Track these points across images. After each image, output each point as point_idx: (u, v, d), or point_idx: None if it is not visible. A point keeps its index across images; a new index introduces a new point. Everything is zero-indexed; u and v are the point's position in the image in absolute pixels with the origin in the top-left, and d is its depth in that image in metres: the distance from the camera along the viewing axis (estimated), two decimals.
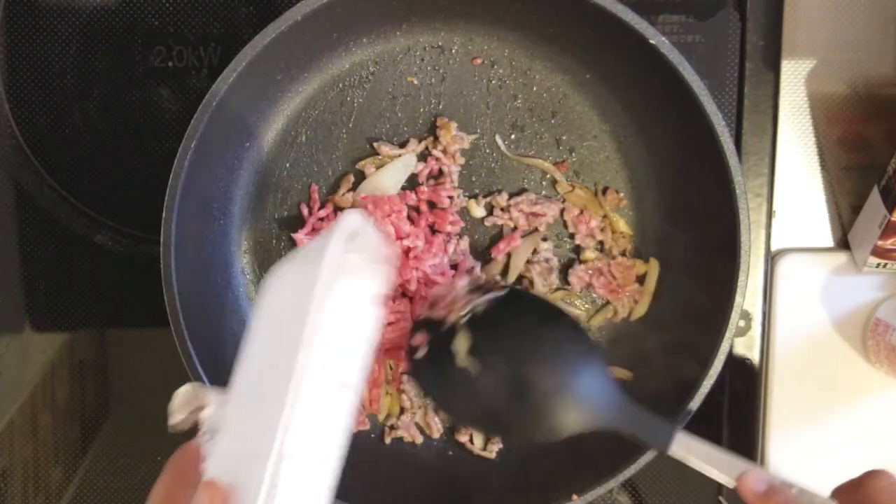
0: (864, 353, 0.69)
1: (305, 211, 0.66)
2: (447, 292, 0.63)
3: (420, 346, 0.61)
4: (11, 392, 0.69)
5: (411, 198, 0.66)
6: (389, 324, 0.66)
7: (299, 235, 0.66)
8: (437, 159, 0.66)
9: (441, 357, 0.60)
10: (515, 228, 0.67)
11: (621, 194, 0.67)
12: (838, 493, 0.51)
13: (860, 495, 0.50)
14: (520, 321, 0.60)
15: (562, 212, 0.67)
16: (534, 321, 0.60)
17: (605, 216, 0.67)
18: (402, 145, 0.66)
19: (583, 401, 0.57)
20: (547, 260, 0.67)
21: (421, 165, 0.66)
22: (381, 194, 0.66)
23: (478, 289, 0.62)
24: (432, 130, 0.67)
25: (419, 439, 0.67)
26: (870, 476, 0.50)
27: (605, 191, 0.67)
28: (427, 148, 0.66)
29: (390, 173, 0.66)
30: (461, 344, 0.60)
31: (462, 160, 0.67)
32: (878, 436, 0.70)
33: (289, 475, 0.43)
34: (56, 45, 0.68)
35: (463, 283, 0.63)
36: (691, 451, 0.55)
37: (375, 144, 0.66)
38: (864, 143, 0.70)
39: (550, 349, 0.59)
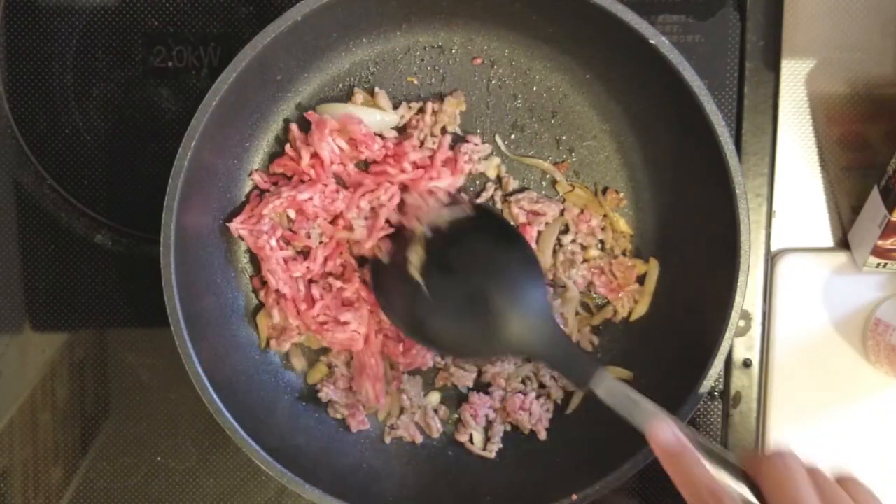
0: (864, 353, 0.69)
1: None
2: (420, 202, 0.64)
3: (386, 253, 0.63)
4: (11, 392, 0.69)
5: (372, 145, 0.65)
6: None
7: (233, 224, 0.64)
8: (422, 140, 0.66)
9: (400, 266, 0.62)
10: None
11: (621, 194, 0.67)
12: (745, 459, 0.51)
13: (758, 468, 0.50)
14: (480, 239, 0.62)
15: (562, 212, 0.67)
16: (493, 241, 0.62)
17: (605, 216, 0.67)
18: (396, 107, 0.66)
19: (526, 324, 0.59)
20: (572, 252, 0.67)
21: (394, 133, 0.66)
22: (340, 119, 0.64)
23: (452, 204, 0.64)
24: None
25: (419, 439, 0.67)
26: (771, 456, 0.50)
27: (605, 191, 0.67)
28: (416, 124, 0.66)
29: (367, 114, 0.65)
30: (414, 254, 0.62)
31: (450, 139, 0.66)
32: (878, 436, 0.70)
33: None
34: (56, 45, 0.68)
35: (439, 196, 0.64)
36: (613, 393, 0.56)
37: (377, 90, 0.66)
38: (864, 143, 0.70)
39: (504, 270, 0.61)
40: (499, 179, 0.67)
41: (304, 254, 0.66)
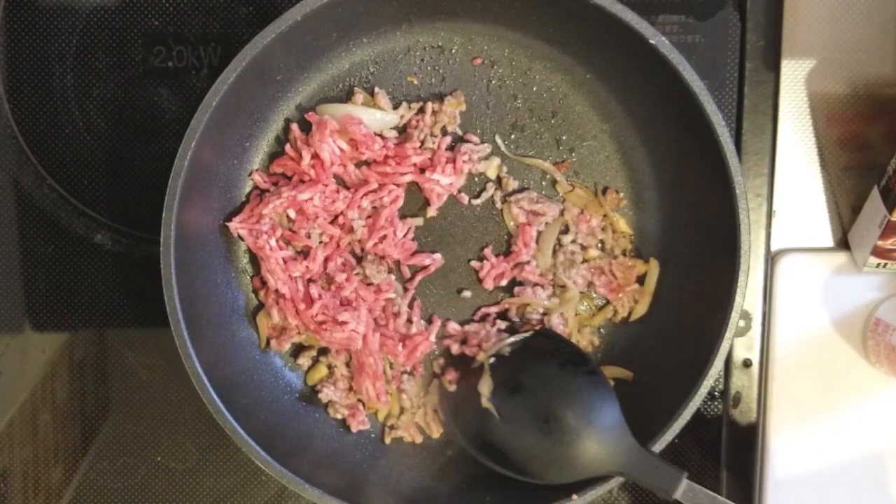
0: (864, 353, 0.69)
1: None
2: (479, 329, 0.66)
3: (452, 382, 0.65)
4: (11, 392, 0.69)
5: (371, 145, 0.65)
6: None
7: (233, 224, 0.64)
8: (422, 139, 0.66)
9: (469, 395, 0.63)
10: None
11: (621, 194, 0.67)
12: None
13: None
14: (545, 362, 0.62)
15: (562, 212, 0.67)
16: (559, 363, 0.62)
17: (605, 216, 0.67)
18: (396, 107, 0.66)
19: (601, 444, 0.59)
20: (572, 252, 0.67)
21: (394, 133, 0.66)
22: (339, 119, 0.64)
23: (509, 329, 0.65)
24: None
25: (419, 439, 0.67)
26: None
27: (605, 191, 0.67)
28: (416, 124, 0.66)
29: (367, 115, 0.65)
30: (485, 386, 0.62)
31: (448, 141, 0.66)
32: (878, 436, 0.70)
33: None
34: (56, 45, 0.68)
35: (496, 325, 0.66)
36: (696, 497, 0.57)
37: (377, 90, 0.66)
38: (864, 143, 0.70)
39: (573, 391, 0.61)
40: (499, 179, 0.67)
41: (304, 254, 0.66)
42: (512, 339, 0.64)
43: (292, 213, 0.65)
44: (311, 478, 0.59)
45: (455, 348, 0.66)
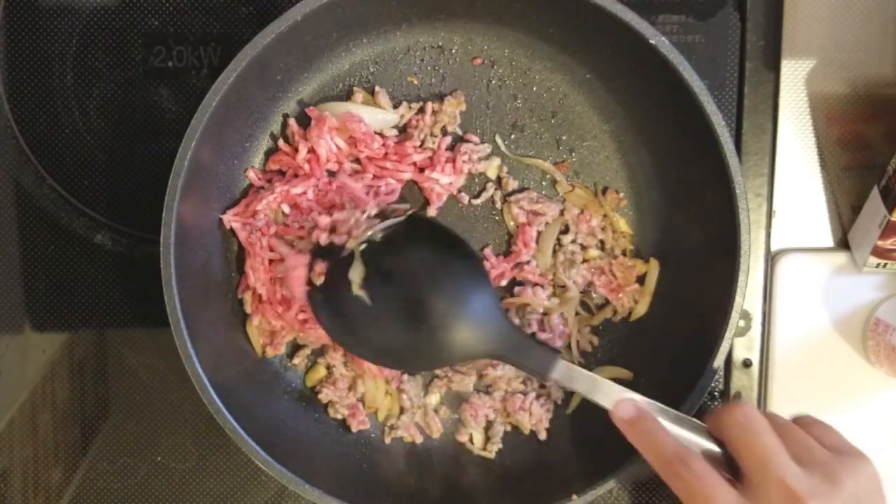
0: (864, 353, 0.69)
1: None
2: (349, 216, 0.63)
3: (320, 274, 0.62)
4: (11, 392, 0.69)
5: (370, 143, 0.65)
6: None
7: (227, 217, 0.64)
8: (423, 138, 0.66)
9: (338, 285, 0.61)
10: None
11: (621, 194, 0.67)
12: (708, 420, 0.54)
13: (719, 424, 0.52)
14: (417, 248, 0.61)
15: (562, 212, 0.67)
16: (431, 248, 0.61)
17: (605, 216, 0.67)
18: (396, 107, 0.66)
19: (474, 327, 0.59)
20: (572, 253, 0.67)
21: (394, 132, 0.66)
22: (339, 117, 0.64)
23: (380, 215, 0.63)
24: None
25: (419, 439, 0.67)
26: (728, 408, 0.52)
27: (605, 191, 0.67)
28: (416, 124, 0.66)
29: (367, 113, 0.65)
30: (356, 273, 0.61)
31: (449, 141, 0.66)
32: (878, 436, 0.70)
33: None
34: (56, 45, 0.68)
35: (367, 208, 0.63)
36: (573, 378, 0.58)
37: (377, 89, 0.66)
38: (864, 143, 0.70)
39: (445, 276, 0.60)
40: (499, 179, 0.67)
41: None
42: (383, 225, 0.62)
43: (286, 209, 0.65)
44: (311, 478, 0.59)
45: (323, 238, 0.63)
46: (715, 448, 0.52)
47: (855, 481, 0.49)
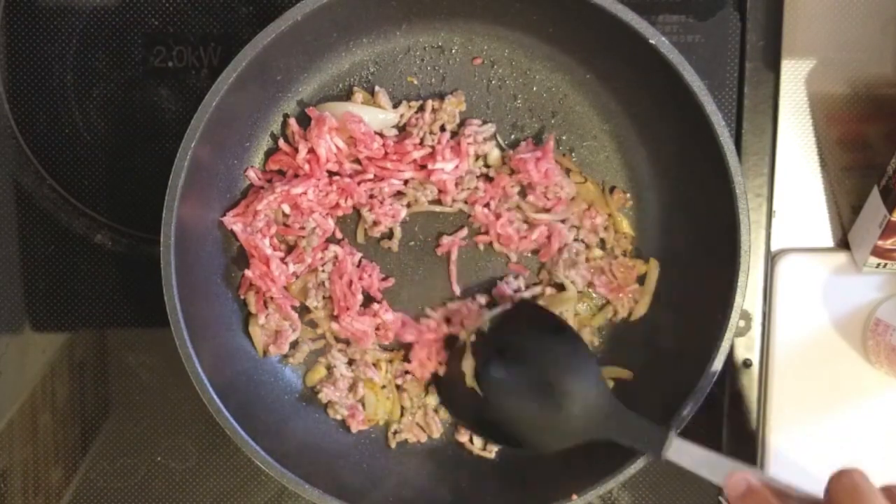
0: (864, 353, 0.69)
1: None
2: (461, 307, 0.66)
3: (443, 367, 0.65)
4: (11, 392, 0.69)
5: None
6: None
7: (227, 218, 0.64)
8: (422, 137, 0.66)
9: (458, 375, 0.63)
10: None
11: (628, 195, 0.67)
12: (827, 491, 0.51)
13: (829, 491, 0.50)
14: (524, 334, 0.62)
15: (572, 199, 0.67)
16: (537, 333, 0.62)
17: (609, 215, 0.67)
18: (396, 107, 0.66)
19: (584, 411, 0.59)
20: (576, 252, 0.67)
21: (394, 132, 0.66)
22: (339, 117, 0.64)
23: (489, 304, 0.65)
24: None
25: (423, 438, 0.67)
26: (837, 474, 0.50)
27: (612, 190, 0.67)
28: (416, 122, 0.66)
29: (367, 113, 0.65)
30: (467, 364, 0.62)
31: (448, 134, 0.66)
32: (878, 436, 0.70)
33: None
34: (56, 45, 0.68)
35: (479, 300, 0.66)
36: (685, 455, 0.57)
37: (377, 89, 0.66)
38: (864, 143, 0.70)
39: (554, 360, 0.61)
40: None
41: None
42: (491, 314, 0.64)
43: (287, 209, 0.65)
44: (311, 478, 0.59)
45: (442, 331, 0.66)
46: None
47: None
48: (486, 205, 0.66)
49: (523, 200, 0.66)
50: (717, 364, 0.59)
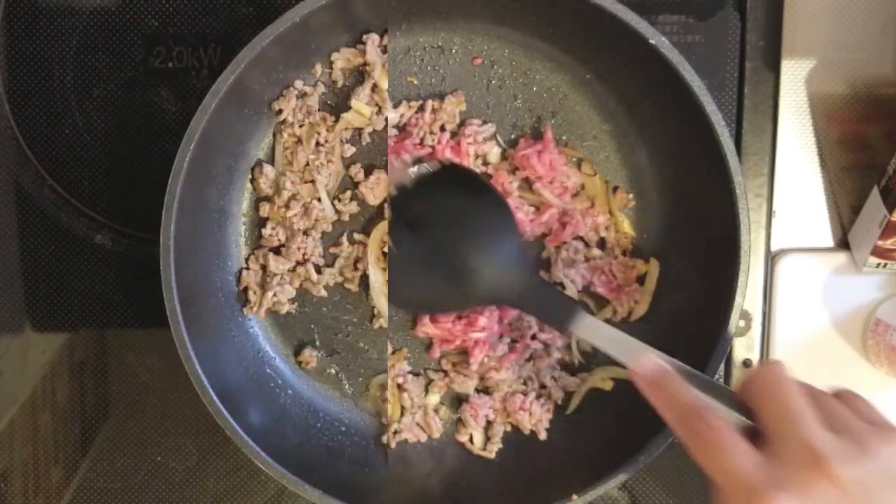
0: (864, 353, 0.69)
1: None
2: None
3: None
4: (11, 392, 0.69)
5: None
6: None
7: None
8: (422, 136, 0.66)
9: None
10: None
11: (630, 195, 0.67)
12: (737, 384, 0.51)
13: (747, 386, 0.49)
14: (444, 192, 0.62)
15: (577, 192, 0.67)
16: (457, 193, 0.62)
17: (611, 214, 0.67)
18: (396, 106, 0.66)
19: (495, 274, 0.59)
20: (575, 250, 0.67)
21: (394, 132, 0.66)
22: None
23: (417, 162, 0.64)
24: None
25: (423, 438, 0.67)
26: (758, 368, 0.49)
27: (615, 189, 0.67)
28: (416, 122, 0.66)
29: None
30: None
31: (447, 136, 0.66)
32: None
33: None
34: (56, 45, 0.68)
35: (405, 158, 0.64)
36: (595, 333, 0.57)
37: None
38: (864, 143, 0.70)
39: (469, 220, 0.61)
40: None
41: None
42: (416, 170, 0.63)
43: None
44: (311, 478, 0.59)
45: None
46: (742, 418, 0.48)
47: (890, 452, 0.43)
48: None
49: (528, 191, 0.66)
50: (718, 364, 0.59)
